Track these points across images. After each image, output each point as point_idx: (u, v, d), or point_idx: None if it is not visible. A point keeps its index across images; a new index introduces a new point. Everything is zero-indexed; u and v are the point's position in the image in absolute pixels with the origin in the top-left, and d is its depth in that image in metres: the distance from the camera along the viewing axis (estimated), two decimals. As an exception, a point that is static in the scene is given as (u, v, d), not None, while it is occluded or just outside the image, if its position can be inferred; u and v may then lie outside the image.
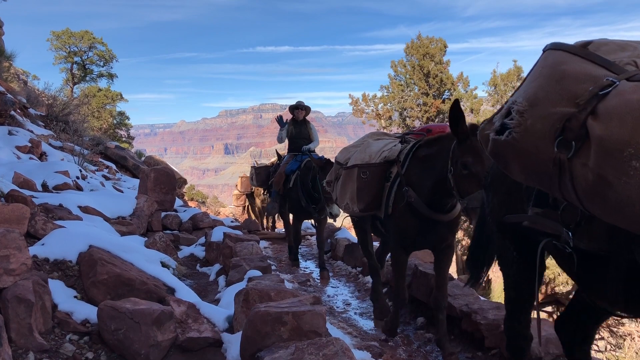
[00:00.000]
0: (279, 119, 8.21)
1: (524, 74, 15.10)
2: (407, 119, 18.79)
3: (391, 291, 5.13)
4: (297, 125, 7.76)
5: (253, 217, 13.45)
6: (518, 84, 12.43)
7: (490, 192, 2.64)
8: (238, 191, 14.85)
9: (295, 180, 7.08)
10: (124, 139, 24.89)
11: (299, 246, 9.28)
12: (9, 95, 10.07)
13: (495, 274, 14.00)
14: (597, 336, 11.28)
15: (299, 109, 7.77)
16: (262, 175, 9.42)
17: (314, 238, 8.36)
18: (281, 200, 7.57)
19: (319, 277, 6.86)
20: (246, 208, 14.58)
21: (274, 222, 13.15)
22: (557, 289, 11.25)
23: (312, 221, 7.47)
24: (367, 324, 4.88)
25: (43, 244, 3.80)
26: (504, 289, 2.76)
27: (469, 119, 16.76)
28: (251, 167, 10.63)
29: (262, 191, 11.47)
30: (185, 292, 4.04)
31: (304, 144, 7.64)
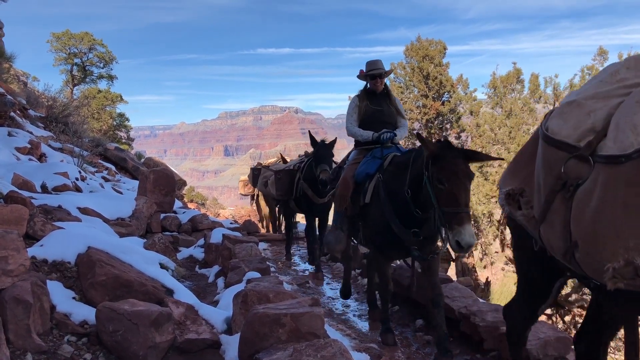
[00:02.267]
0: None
1: (523, 76, 15.10)
2: (407, 120, 18.83)
3: None
4: (375, 101, 4.76)
5: (264, 214, 12.37)
6: (517, 86, 12.38)
7: None
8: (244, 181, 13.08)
9: (376, 191, 4.13)
10: (123, 140, 24.89)
11: (292, 246, 9.17)
12: (8, 96, 10.08)
13: (494, 276, 13.97)
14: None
15: (377, 77, 4.72)
16: (284, 181, 7.09)
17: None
18: (349, 227, 4.60)
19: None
20: (255, 198, 12.91)
21: (277, 224, 11.55)
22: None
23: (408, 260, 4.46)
24: (366, 326, 4.87)
25: (42, 245, 3.80)
26: None
27: (469, 121, 16.78)
28: (263, 168, 9.29)
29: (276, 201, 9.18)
30: (183, 294, 4.04)
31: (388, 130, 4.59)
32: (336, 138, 6.97)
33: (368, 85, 4.81)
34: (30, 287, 2.86)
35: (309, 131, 7.05)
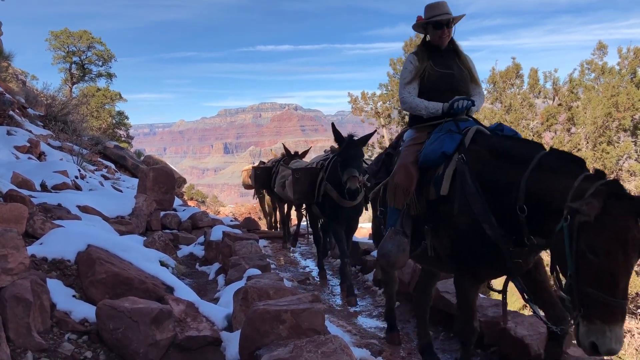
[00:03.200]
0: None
1: (523, 71, 15.07)
2: (406, 117, 18.85)
3: None
4: (441, 60, 3.49)
5: (267, 211, 12.10)
6: (517, 81, 12.33)
7: None
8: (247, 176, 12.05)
9: (458, 180, 2.92)
10: (123, 138, 24.88)
11: (298, 244, 9.26)
12: (7, 95, 10.07)
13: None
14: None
15: (444, 27, 3.42)
16: (304, 183, 5.94)
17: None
18: (416, 232, 3.28)
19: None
20: (260, 194, 12.15)
21: (277, 218, 11.09)
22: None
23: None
24: (367, 322, 4.88)
25: (41, 244, 3.80)
26: None
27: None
28: (282, 165, 7.83)
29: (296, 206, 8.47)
30: (184, 291, 4.03)
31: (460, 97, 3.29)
32: (375, 131, 5.92)
33: (428, 37, 3.54)
34: (30, 285, 2.85)
35: (332, 124, 5.58)
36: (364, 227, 12.62)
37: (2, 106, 9.47)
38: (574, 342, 2.56)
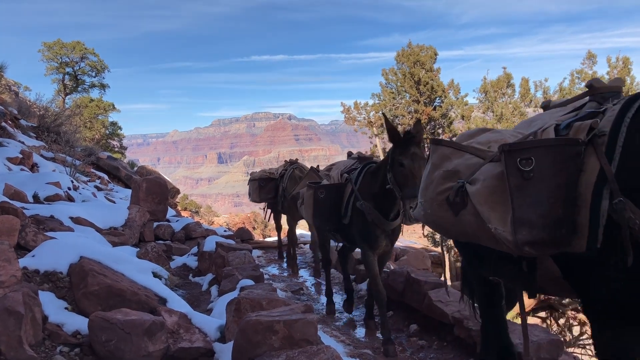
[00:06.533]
0: None
1: (514, 80, 15.19)
2: (399, 126, 18.93)
3: None
4: None
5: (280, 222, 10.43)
6: (508, 90, 12.41)
7: None
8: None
9: None
10: (116, 149, 24.83)
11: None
12: (0, 106, 10.04)
13: (488, 280, 14.01)
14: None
15: None
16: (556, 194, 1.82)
17: (306, 246, 8.26)
18: None
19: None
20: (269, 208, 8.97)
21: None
22: (550, 294, 11.26)
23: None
24: (361, 332, 4.87)
25: (33, 256, 3.79)
26: None
27: (460, 125, 16.84)
28: (343, 176, 4.73)
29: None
30: (177, 302, 4.03)
31: None
32: None
33: None
34: (21, 297, 2.84)
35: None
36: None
37: (-6, 117, 9.45)
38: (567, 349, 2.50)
